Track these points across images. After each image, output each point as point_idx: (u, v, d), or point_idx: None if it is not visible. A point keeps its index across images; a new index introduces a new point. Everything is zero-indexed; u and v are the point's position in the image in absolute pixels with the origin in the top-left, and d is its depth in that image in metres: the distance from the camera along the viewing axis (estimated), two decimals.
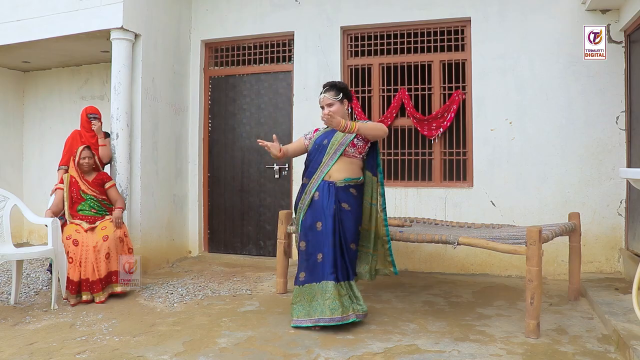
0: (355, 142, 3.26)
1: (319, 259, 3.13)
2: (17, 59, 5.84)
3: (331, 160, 3.24)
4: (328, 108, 3.23)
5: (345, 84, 3.37)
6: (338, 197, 3.18)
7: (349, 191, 3.23)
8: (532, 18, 4.52)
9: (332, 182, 3.22)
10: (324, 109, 3.24)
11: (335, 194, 3.18)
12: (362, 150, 3.29)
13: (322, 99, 3.29)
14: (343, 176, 3.23)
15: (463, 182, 4.79)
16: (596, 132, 4.36)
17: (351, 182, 3.24)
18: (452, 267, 4.71)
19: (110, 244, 3.82)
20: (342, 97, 3.28)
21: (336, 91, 3.27)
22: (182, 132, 5.51)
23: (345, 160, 3.26)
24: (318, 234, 3.16)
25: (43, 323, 3.27)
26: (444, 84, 4.86)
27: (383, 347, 2.81)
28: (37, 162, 6.39)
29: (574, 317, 3.34)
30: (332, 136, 3.31)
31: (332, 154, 3.24)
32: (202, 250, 5.64)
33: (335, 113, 3.19)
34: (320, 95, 3.31)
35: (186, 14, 5.52)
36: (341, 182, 3.22)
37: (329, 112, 3.12)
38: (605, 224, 4.34)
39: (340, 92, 3.28)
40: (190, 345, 2.86)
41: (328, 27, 5.09)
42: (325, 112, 3.13)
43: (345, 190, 3.21)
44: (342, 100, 3.29)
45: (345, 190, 3.21)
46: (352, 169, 3.27)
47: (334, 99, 3.26)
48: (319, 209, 3.18)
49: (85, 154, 4.04)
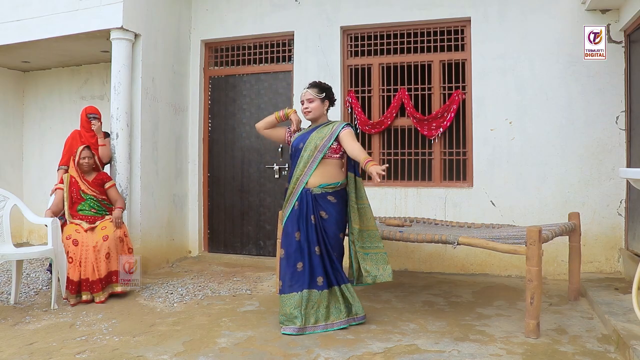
0: (332, 145, 3.21)
1: (299, 268, 3.10)
2: (17, 59, 5.84)
3: (310, 169, 3.18)
4: (308, 103, 3.24)
5: (330, 86, 3.35)
6: (316, 206, 3.15)
7: (327, 199, 3.17)
8: (532, 18, 4.52)
9: (309, 189, 3.17)
10: (303, 104, 3.26)
11: (313, 203, 3.14)
12: (337, 150, 3.22)
13: (303, 94, 3.28)
14: (319, 181, 3.16)
15: (463, 182, 4.79)
16: (596, 132, 4.36)
17: (328, 189, 3.17)
18: (452, 267, 4.71)
19: (110, 243, 3.82)
20: (324, 97, 3.27)
21: (319, 89, 3.27)
22: (182, 132, 5.51)
23: (322, 163, 3.19)
24: (297, 244, 3.13)
25: (43, 323, 3.27)
26: (443, 84, 4.86)
27: (383, 347, 2.82)
28: (37, 162, 6.39)
29: (573, 317, 3.34)
30: (307, 138, 3.24)
31: (310, 162, 3.18)
32: (202, 250, 5.64)
33: (314, 110, 3.23)
34: (302, 90, 3.31)
35: (186, 14, 5.52)
36: (318, 189, 3.16)
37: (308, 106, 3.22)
38: (605, 224, 4.34)
39: (324, 91, 3.27)
40: (190, 345, 2.86)
41: (328, 27, 5.09)
42: (304, 107, 3.24)
43: (322, 198, 3.16)
44: (324, 100, 3.28)
45: (323, 198, 3.16)
46: (331, 171, 3.20)
47: (316, 95, 3.24)
48: (298, 219, 3.15)
49: (85, 154, 4.04)
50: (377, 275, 3.22)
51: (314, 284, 3.08)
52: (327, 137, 3.18)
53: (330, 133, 3.19)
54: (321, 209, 3.16)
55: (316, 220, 3.14)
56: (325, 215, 3.16)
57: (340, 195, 3.23)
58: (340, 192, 3.23)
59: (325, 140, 3.18)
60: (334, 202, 3.18)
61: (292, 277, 3.09)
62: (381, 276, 3.23)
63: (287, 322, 3.05)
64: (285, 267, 3.14)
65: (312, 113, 3.26)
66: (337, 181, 3.21)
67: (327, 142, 3.17)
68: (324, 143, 3.18)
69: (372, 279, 3.23)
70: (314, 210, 3.14)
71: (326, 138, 3.18)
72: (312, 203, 3.14)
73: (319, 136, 3.20)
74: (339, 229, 3.23)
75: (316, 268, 3.10)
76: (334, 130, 3.20)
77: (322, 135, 3.20)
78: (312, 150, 3.17)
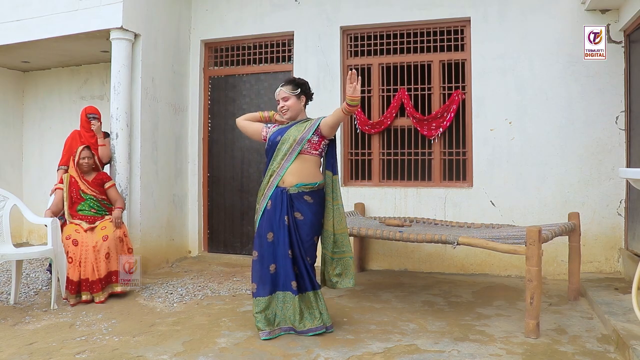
0: (311, 138, 3.04)
1: (271, 271, 3.00)
2: (17, 59, 5.84)
3: (287, 162, 3.03)
4: (284, 102, 3.09)
5: (305, 80, 3.19)
6: (291, 206, 3.01)
7: (303, 199, 3.02)
8: (532, 18, 4.52)
9: (284, 188, 3.02)
10: (279, 103, 3.12)
11: (287, 203, 3.00)
12: (317, 146, 3.06)
13: (278, 93, 3.13)
14: (296, 181, 3.01)
15: (463, 182, 4.79)
16: (596, 132, 4.36)
17: (305, 189, 3.02)
18: (451, 267, 4.71)
19: (110, 243, 3.82)
20: (299, 93, 3.10)
21: (294, 86, 3.10)
22: (182, 132, 5.51)
23: (301, 158, 3.03)
24: (270, 245, 3.01)
25: (43, 323, 3.27)
26: (443, 84, 4.86)
27: (383, 347, 2.82)
28: (37, 162, 6.39)
29: (573, 317, 3.34)
30: (286, 132, 3.08)
31: (288, 154, 3.02)
32: (202, 250, 5.64)
33: (290, 107, 3.08)
34: (278, 88, 3.15)
35: (186, 14, 5.52)
36: (294, 188, 3.01)
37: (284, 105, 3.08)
38: (605, 224, 4.34)
39: (298, 87, 3.11)
40: (189, 345, 2.86)
41: (328, 27, 5.09)
42: (280, 106, 3.10)
43: (298, 199, 3.02)
44: (300, 95, 3.11)
45: (299, 199, 3.02)
46: (309, 169, 3.05)
47: (290, 92, 3.08)
48: (271, 219, 3.02)
49: (85, 154, 4.04)
50: (338, 281, 3.14)
51: (287, 287, 2.98)
52: (307, 130, 3.03)
53: (310, 126, 3.05)
54: (296, 209, 3.02)
55: (290, 221, 3.00)
56: (301, 216, 3.02)
57: (317, 196, 3.08)
58: (318, 193, 3.09)
59: (304, 133, 3.03)
60: (310, 203, 3.04)
61: (265, 279, 2.99)
62: (342, 282, 3.14)
63: (261, 324, 2.96)
64: (258, 270, 3.02)
65: (290, 111, 3.10)
66: (315, 181, 3.06)
67: (307, 134, 3.02)
68: (302, 135, 3.02)
69: (331, 284, 3.16)
70: (288, 210, 3.00)
71: (305, 130, 3.03)
72: (287, 203, 3.00)
73: (299, 129, 3.06)
74: (313, 231, 3.07)
75: (289, 271, 2.97)
76: (314, 123, 3.06)
77: (302, 128, 3.06)
78: (291, 144, 3.02)
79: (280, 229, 2.99)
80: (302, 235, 3.03)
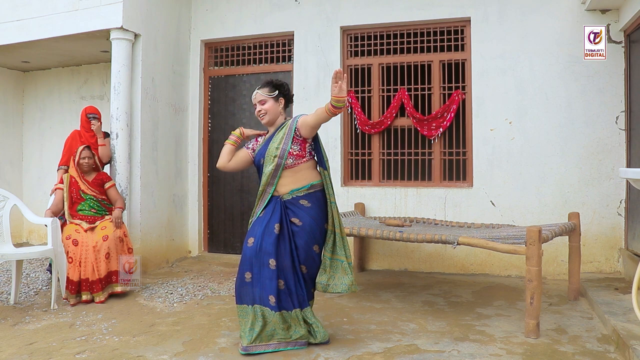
0: (292, 150, 2.79)
1: (247, 279, 2.72)
2: (17, 59, 5.84)
3: (274, 179, 2.80)
4: (261, 106, 2.86)
5: (284, 82, 2.97)
6: (286, 212, 2.77)
7: (299, 204, 2.77)
8: (532, 18, 4.52)
9: (279, 196, 2.81)
10: (256, 107, 2.89)
11: (281, 210, 2.76)
12: (302, 152, 2.81)
13: (254, 97, 2.90)
14: (289, 188, 2.79)
15: (463, 182, 4.79)
16: (596, 132, 4.36)
17: (300, 193, 2.78)
18: (452, 267, 4.72)
19: (111, 243, 3.82)
20: (277, 95, 2.87)
21: (271, 88, 2.87)
22: (182, 132, 5.51)
23: (289, 172, 2.80)
24: (248, 250, 2.75)
25: (43, 323, 3.27)
26: (443, 84, 4.86)
27: (383, 347, 2.82)
28: (37, 162, 6.39)
29: (573, 317, 3.34)
30: (266, 151, 2.84)
31: (272, 174, 2.79)
32: (202, 250, 5.64)
33: (269, 111, 2.84)
34: (254, 92, 2.93)
35: (186, 14, 5.52)
36: (288, 195, 2.79)
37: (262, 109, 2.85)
38: (605, 224, 4.34)
39: (276, 89, 2.88)
40: (189, 345, 2.86)
41: (328, 27, 5.09)
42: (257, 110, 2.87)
43: (294, 204, 2.78)
44: (278, 98, 2.88)
45: (295, 204, 2.78)
46: (302, 175, 2.81)
47: (267, 95, 2.84)
48: (258, 225, 2.78)
49: (85, 154, 4.04)
50: (330, 285, 2.80)
51: (265, 301, 2.68)
52: (284, 140, 2.78)
53: (287, 132, 2.80)
54: (293, 215, 2.77)
55: (283, 229, 2.73)
56: (299, 222, 2.76)
57: (315, 198, 2.81)
58: (315, 195, 2.82)
59: (283, 145, 2.78)
60: (307, 207, 2.78)
61: (241, 287, 2.75)
62: (333, 287, 2.79)
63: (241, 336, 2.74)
64: (238, 275, 2.80)
65: (268, 115, 2.85)
66: (308, 182, 2.81)
67: (286, 145, 2.77)
68: (282, 148, 2.78)
69: (321, 287, 2.83)
70: (282, 218, 2.75)
71: (283, 142, 2.78)
72: (280, 210, 2.76)
73: (276, 143, 2.81)
74: (312, 239, 2.77)
75: (266, 283, 2.68)
76: (290, 127, 2.81)
77: (279, 140, 2.81)
78: (272, 163, 2.79)
79: (265, 235, 2.72)
80: (299, 243, 2.75)
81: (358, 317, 3.37)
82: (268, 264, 2.69)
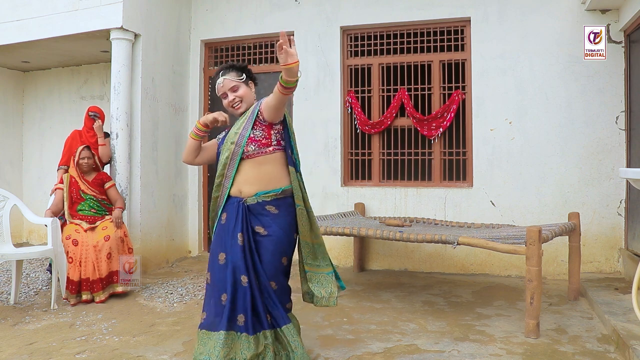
0: (253, 135, 2.42)
1: (222, 301, 2.33)
2: (17, 59, 5.84)
3: (230, 170, 2.44)
4: (233, 93, 2.48)
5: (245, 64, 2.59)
6: (250, 219, 2.40)
7: (265, 210, 2.40)
8: (532, 18, 4.52)
9: (241, 199, 2.41)
10: (226, 97, 2.50)
11: (244, 216, 2.38)
12: (267, 142, 2.42)
13: (222, 84, 2.48)
14: (255, 189, 2.40)
15: (463, 182, 4.79)
16: (596, 132, 4.36)
17: (267, 197, 2.40)
18: (452, 267, 4.71)
19: (112, 243, 3.83)
20: (246, 78, 2.52)
21: (238, 71, 2.50)
22: (182, 131, 5.50)
23: (251, 163, 2.42)
24: (222, 268, 2.37)
25: (43, 323, 3.27)
26: (443, 84, 4.86)
27: (383, 347, 2.82)
28: (37, 162, 6.39)
29: (573, 317, 3.34)
30: (226, 135, 2.52)
31: (227, 163, 2.44)
32: (202, 250, 5.64)
33: (244, 97, 2.48)
34: (218, 80, 2.50)
35: (186, 14, 5.52)
36: (253, 198, 2.40)
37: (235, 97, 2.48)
38: (605, 224, 4.34)
39: (242, 71, 2.51)
40: (190, 345, 2.86)
41: (328, 27, 5.09)
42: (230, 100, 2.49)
43: (259, 210, 2.40)
44: (247, 82, 2.53)
45: (261, 209, 2.40)
46: (270, 173, 2.42)
47: (237, 80, 2.48)
48: (225, 236, 2.41)
49: (85, 154, 4.04)
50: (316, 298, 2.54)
51: (233, 323, 2.30)
52: (244, 125, 2.43)
53: (249, 116, 2.45)
54: (257, 222, 2.40)
55: (245, 239, 2.36)
56: (264, 231, 2.40)
57: (285, 205, 2.44)
58: (285, 201, 2.45)
59: (242, 130, 2.42)
60: (275, 214, 2.41)
61: (215, 310, 2.34)
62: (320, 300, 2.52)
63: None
64: (209, 296, 2.41)
65: (244, 102, 2.50)
66: (278, 187, 2.43)
67: (245, 131, 2.41)
68: (241, 133, 2.42)
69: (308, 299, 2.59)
70: (244, 225, 2.37)
71: (243, 127, 2.43)
72: (242, 216, 2.38)
73: (235, 127, 2.48)
74: (280, 251, 2.41)
75: (239, 302, 2.31)
76: (252, 111, 2.45)
77: (239, 124, 2.46)
78: (227, 150, 2.45)
79: (233, 247, 2.36)
80: (264, 255, 2.38)
81: (358, 317, 3.37)
82: (241, 280, 2.34)
